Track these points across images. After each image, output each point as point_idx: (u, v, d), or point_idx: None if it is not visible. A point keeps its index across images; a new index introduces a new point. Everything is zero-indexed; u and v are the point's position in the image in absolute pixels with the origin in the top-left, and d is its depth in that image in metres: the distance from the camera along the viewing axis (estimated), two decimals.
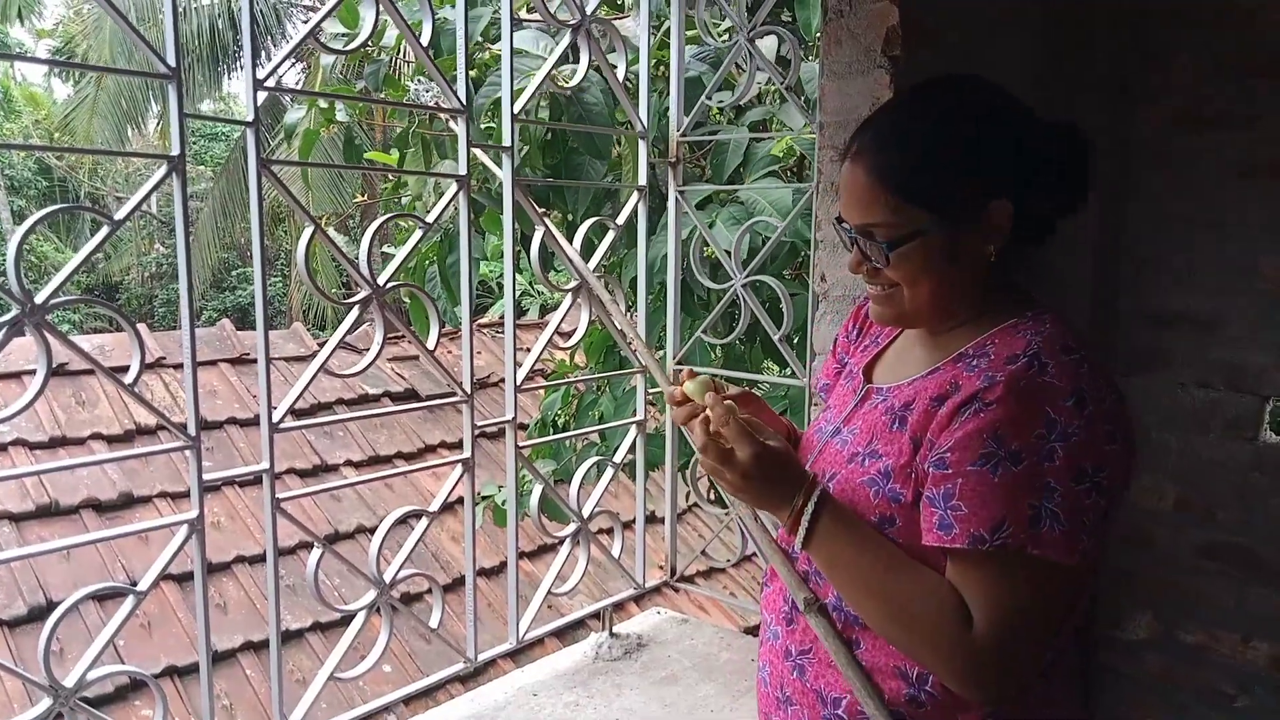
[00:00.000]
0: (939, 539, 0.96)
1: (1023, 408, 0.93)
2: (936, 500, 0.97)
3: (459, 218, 2.01)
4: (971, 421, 0.95)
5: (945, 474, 0.96)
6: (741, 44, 2.25)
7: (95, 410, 4.03)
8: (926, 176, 1.03)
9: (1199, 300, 2.31)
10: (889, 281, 1.07)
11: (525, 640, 2.23)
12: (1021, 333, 1.02)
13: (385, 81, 3.10)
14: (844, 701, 1.07)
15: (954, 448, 0.96)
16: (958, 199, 1.02)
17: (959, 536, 0.94)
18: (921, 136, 1.04)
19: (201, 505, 1.55)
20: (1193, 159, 2.29)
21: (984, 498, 0.93)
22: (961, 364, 1.04)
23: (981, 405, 0.95)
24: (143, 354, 1.44)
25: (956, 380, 1.01)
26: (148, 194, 1.43)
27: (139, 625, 3.33)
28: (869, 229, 1.05)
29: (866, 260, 1.08)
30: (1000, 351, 1.00)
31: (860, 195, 1.05)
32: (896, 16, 1.80)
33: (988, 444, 0.93)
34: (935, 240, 1.02)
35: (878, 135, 1.06)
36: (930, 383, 1.05)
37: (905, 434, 1.03)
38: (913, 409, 1.04)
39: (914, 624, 0.99)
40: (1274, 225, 2.21)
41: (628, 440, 2.48)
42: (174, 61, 1.44)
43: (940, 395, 1.01)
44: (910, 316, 1.09)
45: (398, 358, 5.30)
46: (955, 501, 0.95)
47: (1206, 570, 2.33)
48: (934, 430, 0.99)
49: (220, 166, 12.81)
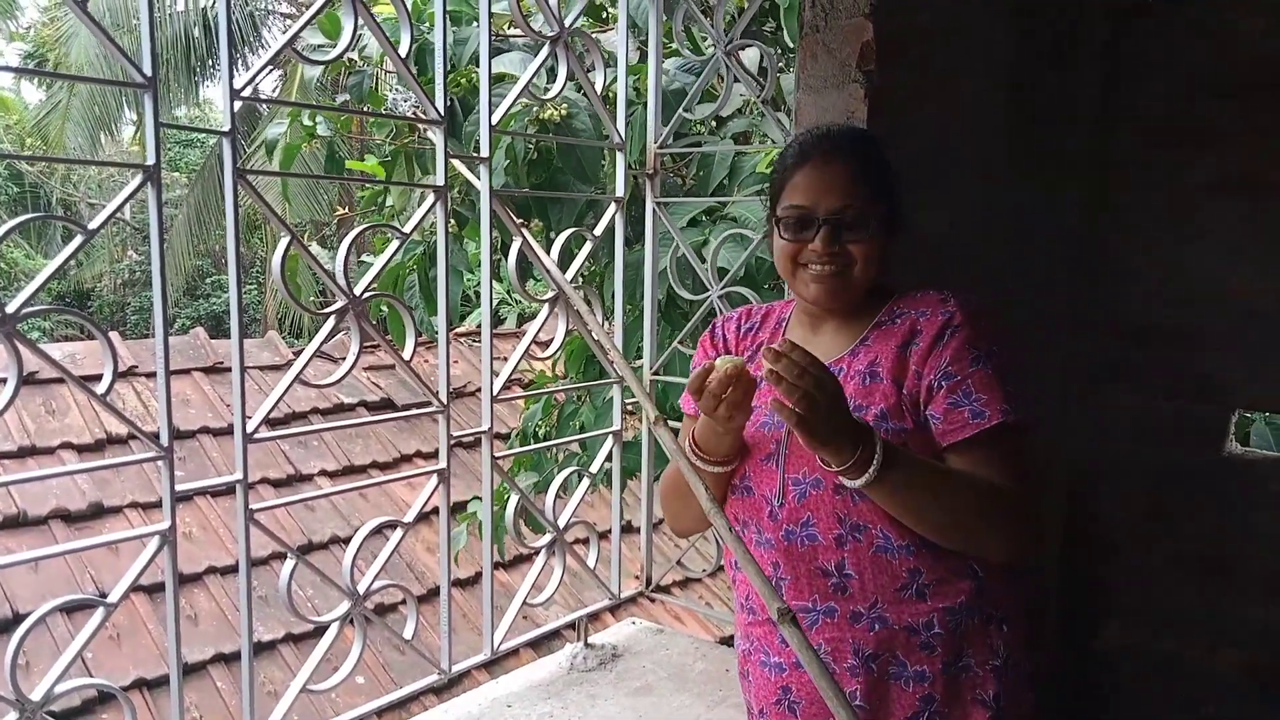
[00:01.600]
0: (978, 425, 1.22)
1: (976, 323, 1.28)
2: (960, 401, 1.24)
3: (440, 233, 2.01)
4: (953, 341, 1.27)
5: (956, 381, 1.25)
6: (719, 56, 2.26)
7: (65, 419, 3.99)
8: (886, 184, 1.34)
9: (1170, 313, 2.35)
10: (846, 260, 1.31)
11: (500, 651, 2.22)
12: (917, 294, 1.35)
13: (368, 94, 3.09)
14: (934, 619, 1.26)
15: (953, 360, 1.26)
16: (898, 207, 1.35)
17: (994, 415, 1.22)
18: (878, 158, 1.35)
19: (174, 516, 1.54)
20: (1166, 175, 2.33)
21: (990, 384, 1.24)
22: (887, 326, 1.34)
23: (953, 329, 1.27)
24: (115, 364, 1.43)
25: (912, 327, 1.31)
26: (122, 203, 1.42)
27: (108, 637, 3.29)
28: (850, 211, 1.30)
29: (836, 240, 1.30)
30: (919, 305, 1.33)
31: (844, 185, 1.30)
32: (871, 32, 1.82)
33: (971, 350, 1.26)
34: (882, 232, 1.33)
35: (845, 146, 1.34)
36: (879, 345, 1.33)
37: (883, 383, 1.29)
38: (879, 364, 1.31)
39: (972, 510, 1.22)
40: (1244, 241, 2.24)
41: (604, 450, 2.48)
42: (150, 71, 1.43)
43: (904, 342, 1.30)
44: (852, 289, 1.33)
45: (374, 367, 5.28)
46: (976, 394, 1.24)
47: (1176, 579, 2.36)
48: (916, 362, 1.28)
49: (195, 173, 12.70)
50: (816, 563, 1.29)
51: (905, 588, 1.26)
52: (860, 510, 1.25)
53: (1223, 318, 2.28)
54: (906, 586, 1.26)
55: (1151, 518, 2.38)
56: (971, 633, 1.28)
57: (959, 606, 1.27)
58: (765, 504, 1.33)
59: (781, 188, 1.36)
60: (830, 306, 1.36)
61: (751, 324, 1.51)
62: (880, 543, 1.26)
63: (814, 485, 1.28)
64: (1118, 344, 2.40)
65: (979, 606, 1.28)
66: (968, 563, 1.28)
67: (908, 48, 1.90)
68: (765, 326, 1.50)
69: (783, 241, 1.35)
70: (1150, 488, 2.38)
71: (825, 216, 1.30)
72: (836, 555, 1.28)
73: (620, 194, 2.40)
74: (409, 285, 2.99)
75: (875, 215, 1.31)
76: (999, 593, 1.30)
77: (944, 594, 1.27)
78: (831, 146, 1.34)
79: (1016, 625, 1.31)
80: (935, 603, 1.26)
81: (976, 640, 1.28)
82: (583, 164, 2.76)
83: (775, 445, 1.34)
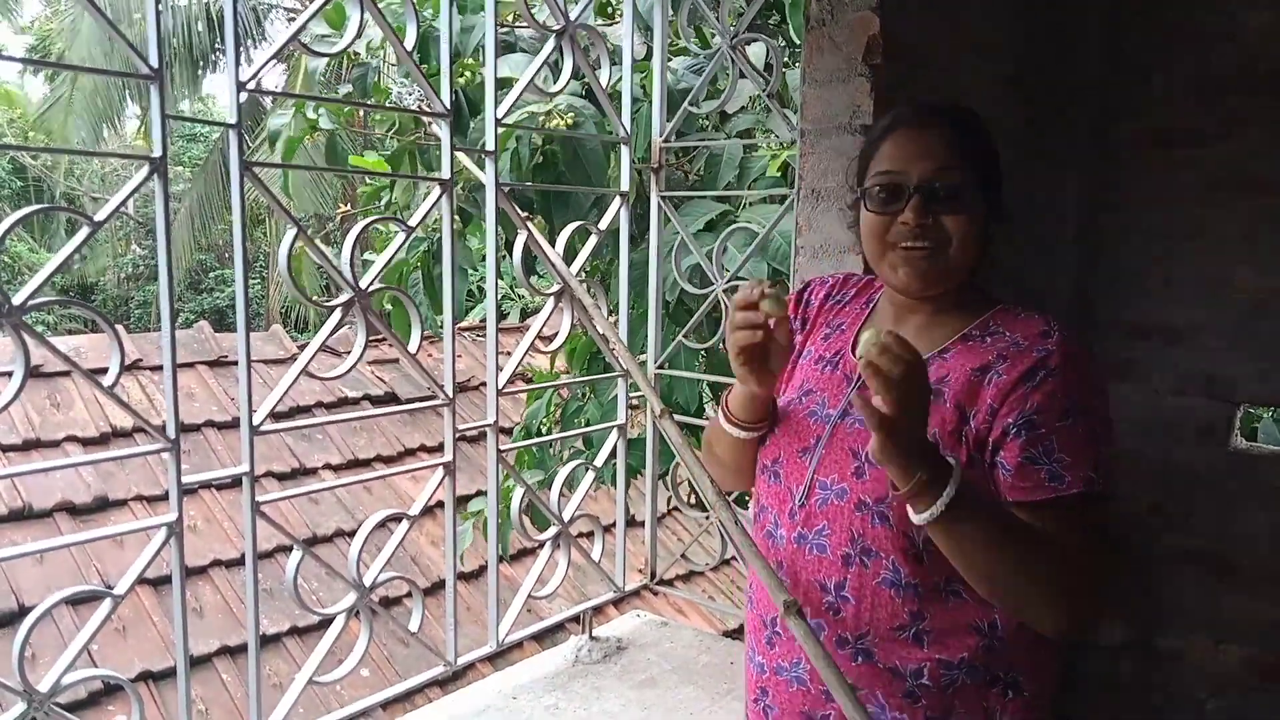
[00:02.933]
0: (1053, 490, 1.06)
1: (1076, 371, 1.10)
2: (1038, 458, 1.07)
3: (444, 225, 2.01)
4: (1046, 385, 1.08)
5: (1040, 434, 1.08)
6: (724, 51, 2.26)
7: (70, 412, 3.99)
8: (990, 159, 1.19)
9: (1175, 311, 2.35)
10: (940, 237, 1.15)
11: (505, 644, 2.22)
12: (1020, 313, 1.18)
13: (373, 88, 3.09)
14: (925, 669, 1.13)
15: (1040, 409, 1.08)
16: (999, 187, 1.19)
17: (1073, 483, 1.06)
18: (982, 131, 1.20)
19: (180, 508, 1.54)
20: (1170, 173, 2.33)
21: (1079, 445, 1.07)
22: (975, 342, 1.17)
23: (1048, 372, 1.09)
24: (122, 356, 1.43)
25: (1001, 354, 1.13)
26: (129, 195, 1.42)
27: (113, 629, 3.29)
28: (946, 178, 1.14)
29: (928, 211, 1.14)
30: (1017, 329, 1.15)
31: (940, 149, 1.15)
32: (877, 26, 1.82)
33: (1063, 402, 1.08)
34: (982, 211, 1.17)
35: (945, 111, 1.19)
36: (957, 359, 1.16)
37: (946, 403, 1.13)
38: (948, 382, 1.14)
39: (1036, 575, 1.05)
40: (1248, 238, 2.24)
41: (608, 444, 2.48)
42: (156, 62, 1.43)
43: (982, 366, 1.13)
44: (948, 275, 1.17)
45: (378, 361, 5.28)
46: (1058, 454, 1.07)
47: (1180, 575, 2.36)
48: (993, 396, 1.11)
49: (198, 167, 12.70)
50: (817, 575, 1.19)
51: (903, 629, 1.14)
52: (876, 535, 1.13)
53: (1227, 314, 2.27)
54: (905, 628, 1.13)
55: (1155, 513, 2.38)
56: (967, 692, 1.13)
57: (958, 662, 1.13)
58: (788, 497, 1.23)
59: (869, 160, 1.22)
60: (920, 293, 1.19)
61: (842, 296, 1.37)
62: (888, 575, 1.13)
63: (838, 494, 1.17)
64: (1121, 342, 2.40)
65: (984, 665, 1.13)
66: (984, 618, 1.13)
67: (912, 44, 1.90)
68: (854, 304, 1.35)
69: (870, 215, 1.19)
70: (1154, 484, 2.38)
71: (918, 183, 1.14)
72: (839, 574, 1.17)
73: (625, 188, 2.40)
74: (413, 282, 2.99)
75: (975, 187, 1.16)
76: (1016, 654, 1.14)
77: (945, 645, 1.13)
78: (928, 111, 1.20)
79: (1030, 692, 1.16)
80: (932, 652, 1.13)
81: (971, 701, 1.13)
82: (588, 172, 2.74)
83: (814, 440, 1.22)
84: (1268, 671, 2.27)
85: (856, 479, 1.15)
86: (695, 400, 2.76)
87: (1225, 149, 2.26)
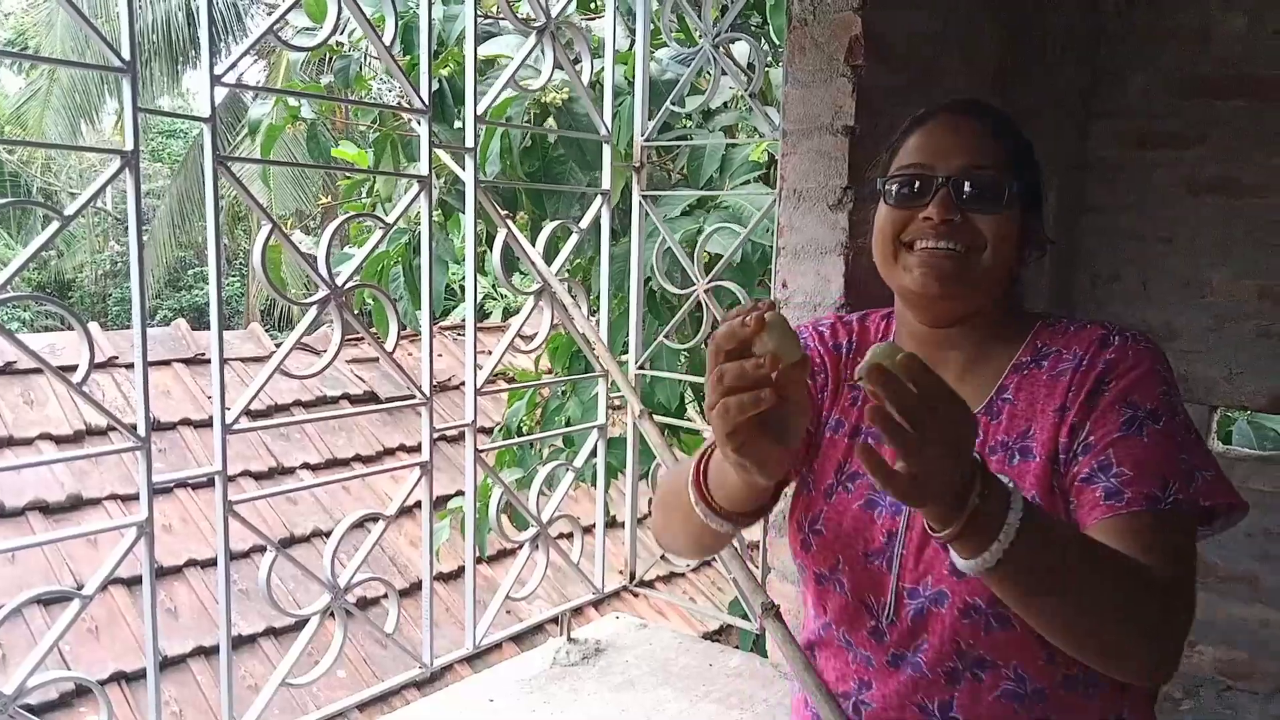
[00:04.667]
0: (1111, 509, 0.89)
1: (1142, 371, 0.94)
2: (1095, 475, 0.92)
3: (424, 224, 2.00)
4: (1107, 397, 0.94)
5: (1093, 451, 0.92)
6: (706, 49, 2.26)
7: (44, 410, 3.94)
8: (1026, 152, 1.03)
9: (1152, 313, 2.36)
10: (970, 237, 0.98)
11: (482, 645, 2.21)
12: (1069, 325, 1.02)
13: (355, 80, 3.06)
14: None
15: (1097, 422, 0.93)
16: (1037, 185, 1.04)
17: (1133, 500, 0.89)
18: (1019, 130, 1.05)
19: (150, 508, 1.52)
20: (1146, 176, 2.34)
21: (1141, 459, 0.90)
22: (1032, 370, 1.00)
23: (1111, 380, 0.94)
24: (92, 353, 1.41)
25: (1071, 383, 0.96)
26: (100, 189, 1.40)
27: (86, 630, 3.25)
28: (981, 173, 0.98)
29: (955, 208, 0.97)
30: (1072, 344, 0.99)
31: (974, 141, 1.00)
32: (860, 27, 1.82)
33: (1123, 411, 0.92)
34: (1018, 210, 1.00)
35: (978, 105, 1.04)
36: (1025, 401, 0.99)
37: (1036, 460, 0.96)
38: (1034, 435, 0.97)
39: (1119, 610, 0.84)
40: (1223, 241, 2.26)
41: (588, 444, 2.47)
42: (129, 54, 1.41)
43: (1062, 405, 0.96)
44: (973, 284, 0.99)
45: (357, 359, 5.24)
46: (1116, 469, 0.91)
47: None
48: (1066, 431, 0.95)
49: (178, 164, 12.58)
50: (915, 696, 0.97)
51: None
52: (994, 642, 0.93)
53: (1202, 317, 2.29)
54: None
55: None
56: None
57: None
58: (866, 614, 1.00)
59: (894, 155, 1.05)
60: (939, 297, 0.99)
61: (849, 345, 1.12)
62: (1009, 686, 0.94)
63: (934, 601, 0.95)
64: None
65: None
66: (1115, 709, 0.97)
67: (895, 44, 1.90)
68: (863, 350, 1.09)
69: (887, 211, 1.01)
70: None
71: (948, 176, 0.98)
72: (944, 693, 0.96)
73: (607, 187, 2.39)
74: (393, 277, 2.97)
75: (1017, 191, 0.99)
76: None
77: None
78: (960, 105, 1.04)
79: None
80: None
81: None
82: (583, 148, 2.72)
83: (885, 539, 0.99)
84: (1240, 673, 2.29)
85: (957, 579, 0.94)
86: (676, 400, 2.76)
87: (1201, 152, 2.28)
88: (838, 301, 1.89)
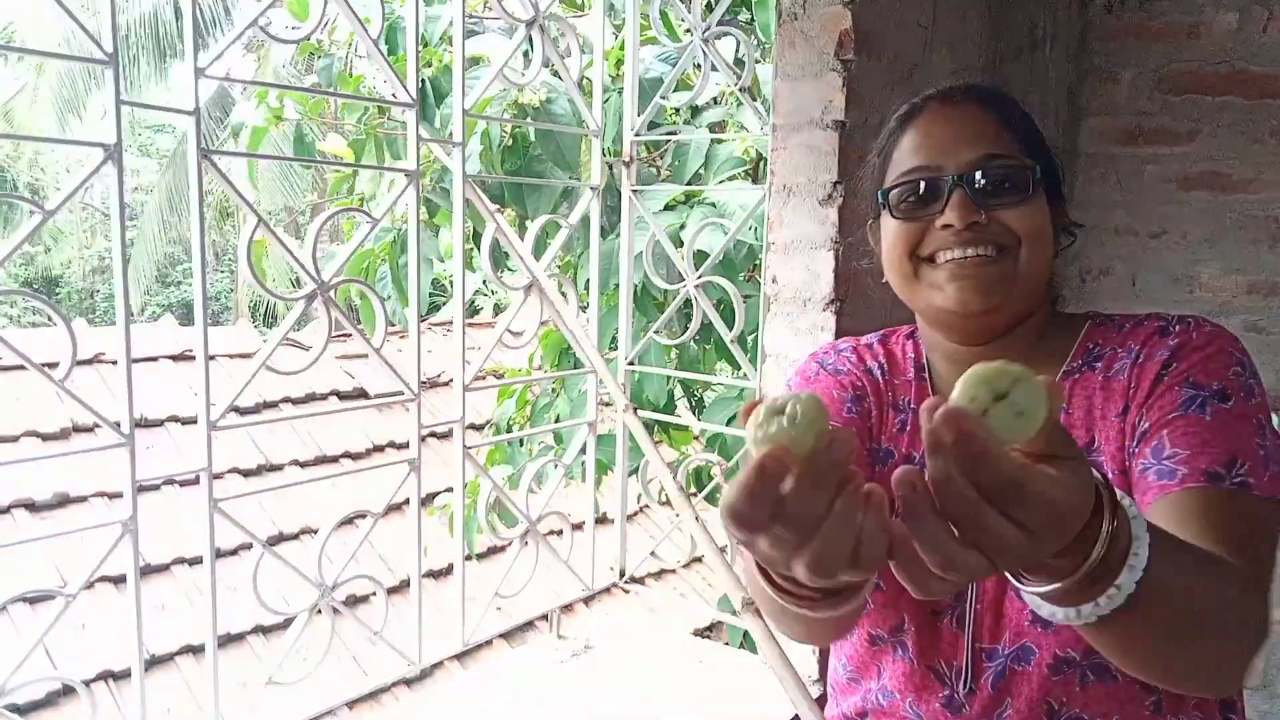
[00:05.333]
0: (1162, 489, 0.77)
1: (1211, 348, 0.85)
2: (1148, 464, 0.80)
3: (411, 218, 1.98)
4: (1167, 379, 0.84)
5: (1147, 437, 0.81)
6: (696, 44, 2.25)
7: (30, 406, 3.91)
8: (1040, 139, 0.92)
9: (1141, 309, 2.35)
10: (1004, 239, 0.87)
11: (472, 642, 2.20)
12: (1125, 322, 0.93)
13: (338, 78, 3.04)
14: None
15: (1147, 414, 0.83)
16: (1057, 172, 0.93)
17: (1188, 477, 0.76)
18: (1024, 111, 0.94)
19: (135, 506, 1.50)
20: (1136, 172, 2.35)
21: (1203, 437, 0.78)
22: (1085, 374, 0.90)
23: (1171, 367, 0.84)
24: (74, 348, 1.39)
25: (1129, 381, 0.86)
26: (82, 184, 1.38)
27: (75, 627, 3.24)
28: (998, 164, 0.86)
29: (977, 207, 0.86)
30: (1129, 340, 0.90)
31: (982, 129, 0.88)
32: (850, 21, 1.81)
33: (1183, 390, 0.82)
34: (1044, 197, 0.89)
35: (977, 89, 0.94)
36: (1082, 408, 0.88)
37: (1107, 473, 0.84)
38: (1101, 448, 0.86)
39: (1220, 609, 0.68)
40: (1212, 237, 2.27)
41: (578, 441, 2.46)
42: (111, 46, 1.39)
43: (1124, 408, 0.86)
44: (1016, 288, 0.88)
45: (347, 355, 5.23)
46: (1170, 450, 0.79)
47: None
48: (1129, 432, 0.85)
49: (167, 159, 12.52)
50: None
51: None
52: (1091, 696, 0.81)
53: (1193, 312, 2.30)
54: None
55: None
56: None
57: None
58: (938, 682, 0.89)
59: (887, 161, 0.94)
60: (981, 311, 0.87)
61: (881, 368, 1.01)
62: None
63: (1018, 658, 0.84)
64: None
65: None
66: None
67: (884, 38, 1.89)
68: (897, 376, 0.99)
69: (894, 225, 0.90)
70: None
71: (959, 173, 0.86)
72: None
73: (596, 182, 2.38)
74: (380, 276, 2.96)
75: (1037, 172, 0.88)
76: None
77: None
78: (953, 92, 0.93)
79: None
80: None
81: None
82: (562, 149, 2.72)
83: (956, 595, 0.88)
84: None
85: (1043, 629, 0.82)
86: (665, 396, 2.75)
87: (1191, 148, 2.28)
88: (828, 296, 1.89)
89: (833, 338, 1.84)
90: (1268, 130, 2.19)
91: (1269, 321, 2.23)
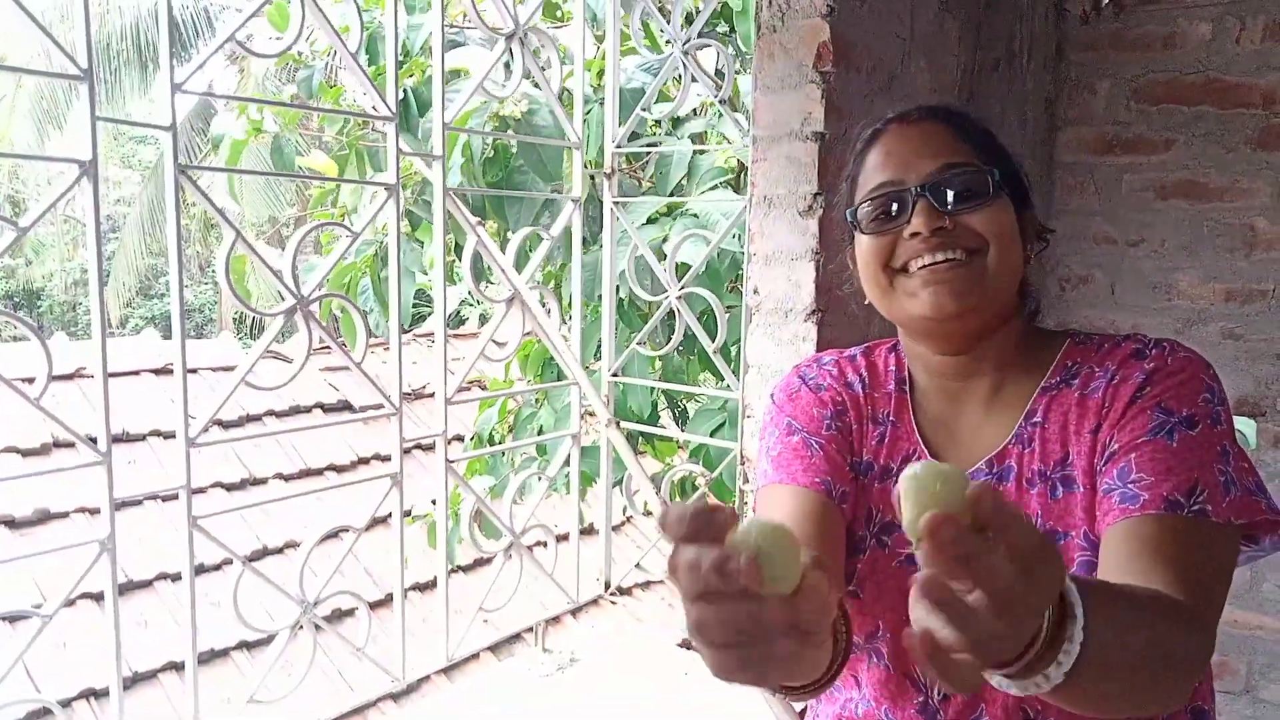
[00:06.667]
0: (1124, 512, 0.80)
1: (1184, 374, 0.87)
2: (1112, 486, 0.83)
3: (391, 231, 1.98)
4: (1139, 403, 0.86)
5: (1115, 458, 0.84)
6: (676, 56, 2.25)
7: (9, 422, 3.87)
8: (998, 148, 0.96)
9: (1120, 316, 2.38)
10: (968, 239, 0.90)
11: (457, 656, 2.19)
12: (1103, 342, 0.94)
13: (319, 89, 3.04)
14: None
15: (1117, 435, 0.85)
16: (1020, 179, 0.97)
17: (1149, 503, 0.79)
18: (983, 125, 0.98)
19: (113, 524, 1.49)
20: (1114, 181, 2.37)
21: (1167, 464, 0.81)
22: (1062, 391, 0.92)
23: (1145, 392, 0.86)
24: (50, 366, 1.38)
25: (1103, 402, 0.89)
26: (55, 200, 1.37)
27: (57, 645, 3.20)
28: (957, 172, 0.90)
29: (941, 214, 0.89)
30: (1106, 360, 0.91)
31: (942, 141, 0.92)
32: (828, 33, 1.82)
33: (1154, 415, 0.84)
34: (1008, 199, 0.93)
35: (934, 108, 0.97)
36: (1057, 424, 0.91)
37: (1081, 492, 0.88)
38: (1074, 464, 0.89)
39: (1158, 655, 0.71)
40: (1189, 245, 2.29)
41: (562, 453, 2.46)
42: (86, 62, 1.39)
43: (1096, 426, 0.88)
44: (986, 289, 0.90)
45: (331, 367, 5.20)
46: (1135, 474, 0.81)
47: None
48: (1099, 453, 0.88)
49: (149, 171, 12.46)
50: None
51: None
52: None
53: (1169, 319, 2.32)
54: None
55: None
56: None
57: None
58: (914, 689, 0.91)
59: (854, 183, 0.98)
60: (957, 313, 0.90)
61: (862, 381, 1.03)
62: None
63: None
64: None
65: None
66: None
67: (863, 50, 1.91)
68: (877, 389, 1.02)
69: (867, 241, 0.94)
70: None
71: (922, 184, 0.90)
72: None
73: (578, 194, 2.38)
74: (362, 290, 2.95)
75: (996, 177, 0.91)
76: None
77: None
78: (911, 112, 0.97)
79: None
80: None
81: None
82: (544, 161, 2.72)
83: None
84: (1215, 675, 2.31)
85: None
86: (649, 407, 2.75)
87: (1168, 157, 2.30)
88: (809, 307, 1.89)
89: (814, 348, 1.85)
90: (1242, 139, 2.22)
91: (1245, 328, 2.25)
